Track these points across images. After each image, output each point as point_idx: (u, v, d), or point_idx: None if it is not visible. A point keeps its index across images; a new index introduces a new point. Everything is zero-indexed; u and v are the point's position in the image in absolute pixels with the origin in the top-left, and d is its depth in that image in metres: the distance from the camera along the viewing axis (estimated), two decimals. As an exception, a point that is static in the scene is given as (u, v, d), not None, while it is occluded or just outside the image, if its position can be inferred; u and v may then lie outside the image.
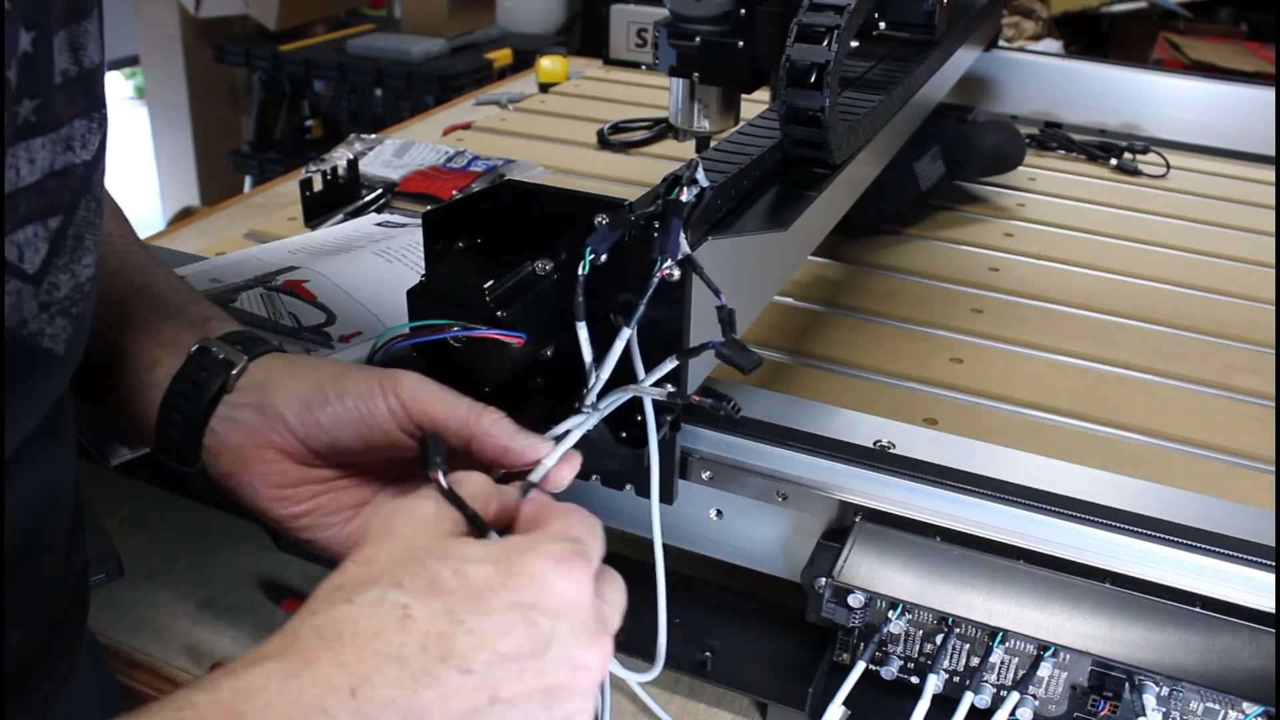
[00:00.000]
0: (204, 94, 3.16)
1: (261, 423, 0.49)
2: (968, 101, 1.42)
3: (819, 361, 0.88)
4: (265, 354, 0.52)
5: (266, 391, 0.50)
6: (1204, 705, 0.50)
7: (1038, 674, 0.52)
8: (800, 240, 0.74)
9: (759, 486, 0.59)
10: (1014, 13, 3.12)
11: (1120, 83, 1.47)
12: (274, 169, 2.82)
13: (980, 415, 0.82)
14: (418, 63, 2.69)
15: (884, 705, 0.55)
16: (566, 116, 1.51)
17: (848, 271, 1.05)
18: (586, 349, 0.51)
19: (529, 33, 3.04)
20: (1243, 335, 0.96)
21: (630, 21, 1.69)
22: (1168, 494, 0.58)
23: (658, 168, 1.30)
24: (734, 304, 0.50)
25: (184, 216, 1.89)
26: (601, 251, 0.50)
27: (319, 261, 0.80)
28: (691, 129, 0.86)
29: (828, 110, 0.68)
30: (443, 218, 0.54)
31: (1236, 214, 1.26)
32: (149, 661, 0.59)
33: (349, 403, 0.49)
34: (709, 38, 0.79)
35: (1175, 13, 3.37)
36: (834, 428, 0.61)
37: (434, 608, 0.35)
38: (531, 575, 0.37)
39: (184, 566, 0.66)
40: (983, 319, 0.97)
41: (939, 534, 0.56)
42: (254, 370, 0.51)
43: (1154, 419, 0.82)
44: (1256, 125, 1.41)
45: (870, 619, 0.54)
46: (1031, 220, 1.20)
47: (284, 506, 0.50)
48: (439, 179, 1.19)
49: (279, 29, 2.87)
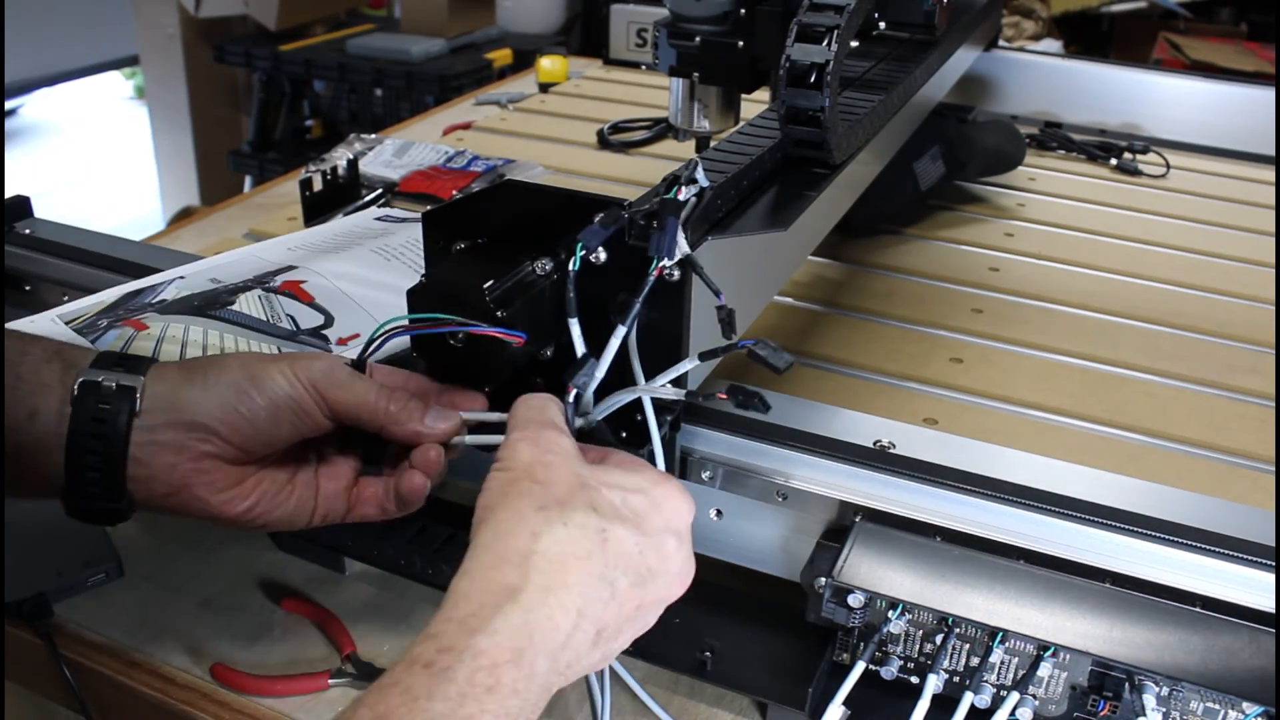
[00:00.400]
0: (204, 94, 3.16)
1: (189, 437, 0.49)
2: (968, 101, 1.42)
3: (819, 361, 0.88)
4: (150, 367, 0.51)
5: (179, 407, 0.49)
6: (1204, 705, 0.50)
7: (1038, 674, 0.52)
8: (800, 240, 0.74)
9: (759, 486, 0.59)
10: (1014, 13, 3.12)
11: (1120, 83, 1.47)
12: (274, 169, 2.82)
13: (980, 415, 0.82)
14: (418, 63, 2.69)
15: (884, 705, 0.55)
16: (566, 116, 1.51)
17: (848, 271, 1.05)
18: (579, 345, 0.51)
19: (529, 33, 3.03)
20: (1243, 335, 0.96)
21: (630, 21, 1.69)
22: (1168, 494, 0.58)
23: (658, 168, 1.30)
24: (734, 304, 0.50)
25: (184, 216, 1.89)
26: (594, 248, 0.50)
27: (318, 260, 0.79)
28: (691, 129, 0.86)
29: (828, 110, 0.68)
30: (443, 217, 0.54)
31: (1236, 214, 1.26)
32: (149, 662, 0.59)
33: (269, 397, 0.50)
34: (709, 38, 0.79)
35: (1175, 13, 3.37)
36: (834, 428, 0.61)
37: (620, 532, 0.42)
38: (673, 508, 0.45)
39: (184, 566, 0.66)
40: (983, 319, 0.97)
41: (939, 534, 0.56)
42: (152, 387, 0.50)
43: (1154, 419, 0.82)
44: (1256, 125, 1.41)
45: (870, 619, 0.54)
46: (1031, 220, 1.20)
47: (234, 505, 0.51)
48: (439, 179, 1.19)
49: (279, 29, 2.86)
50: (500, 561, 0.40)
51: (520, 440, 0.45)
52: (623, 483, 0.44)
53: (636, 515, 0.43)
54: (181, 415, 0.49)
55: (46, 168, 4.07)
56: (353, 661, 0.59)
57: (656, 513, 0.44)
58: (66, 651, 0.59)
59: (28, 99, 4.43)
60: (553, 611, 0.39)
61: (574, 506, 0.42)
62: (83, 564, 0.63)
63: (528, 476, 0.43)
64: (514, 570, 0.39)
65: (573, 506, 0.42)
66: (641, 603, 0.43)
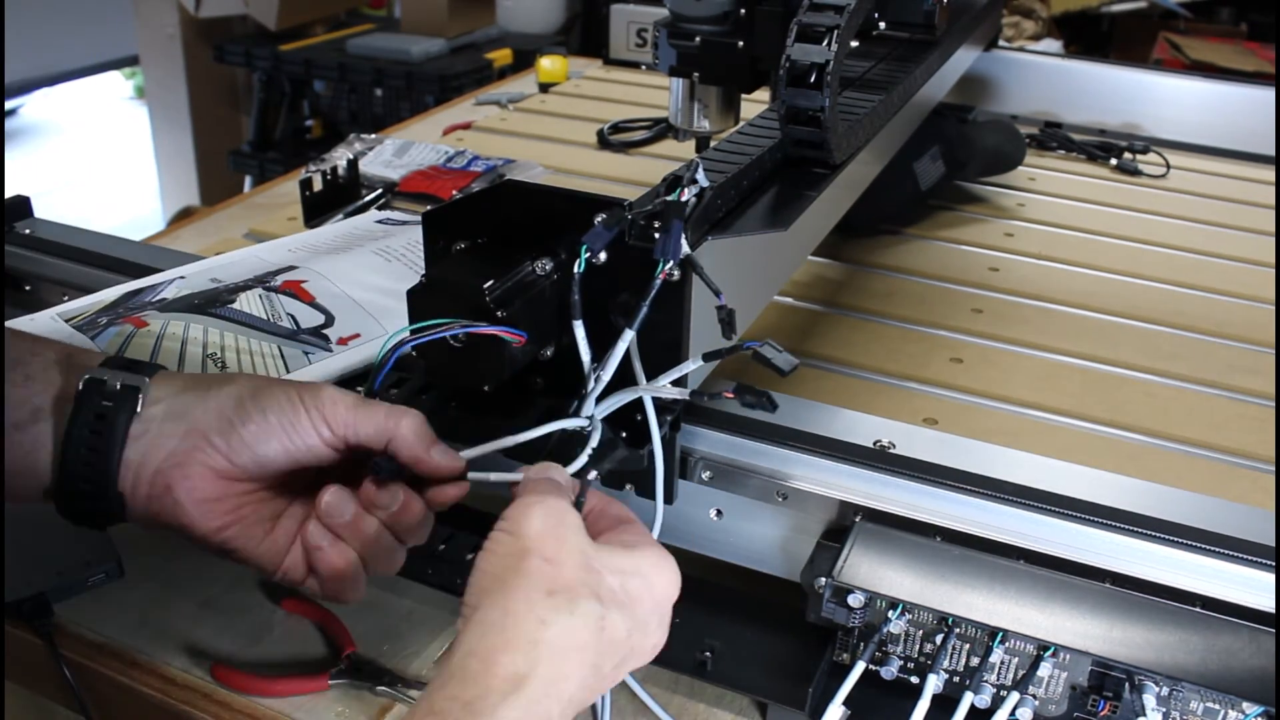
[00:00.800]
0: (204, 94, 3.16)
1: (185, 441, 0.49)
2: (968, 101, 1.42)
3: (819, 361, 0.88)
4: (155, 372, 0.51)
5: (180, 412, 0.49)
6: (1204, 705, 0.50)
7: (1038, 674, 0.52)
8: (800, 240, 0.74)
9: (759, 486, 0.59)
10: (1014, 13, 3.12)
11: (1120, 83, 1.48)
12: (274, 169, 2.82)
13: (980, 415, 0.82)
14: (418, 63, 2.69)
15: (884, 705, 0.55)
16: (566, 116, 1.51)
17: (848, 271, 1.05)
18: (584, 348, 0.51)
19: (529, 33, 3.03)
20: (1243, 335, 0.96)
21: (630, 21, 1.69)
22: (1168, 494, 0.58)
23: (658, 168, 1.30)
24: (734, 304, 0.50)
25: (184, 216, 1.89)
26: (598, 250, 0.50)
27: (318, 260, 0.80)
28: (691, 129, 0.86)
29: (828, 110, 0.68)
30: (443, 218, 0.54)
31: (1236, 214, 1.26)
32: (149, 662, 0.59)
33: (271, 418, 0.49)
34: (709, 38, 0.79)
35: (1175, 13, 3.37)
36: (834, 428, 0.61)
37: (615, 619, 0.43)
38: (664, 587, 0.46)
39: (184, 566, 0.66)
40: (983, 319, 0.97)
41: (939, 534, 0.56)
42: (155, 390, 0.50)
43: (1154, 419, 0.82)
44: (1256, 125, 1.41)
45: (870, 619, 0.54)
46: (1031, 220, 1.20)
47: (209, 521, 0.50)
48: (439, 179, 1.19)
49: (279, 29, 2.86)
50: (508, 646, 0.40)
51: (533, 506, 0.44)
52: (623, 566, 0.45)
53: (631, 600, 0.44)
54: (178, 419, 0.49)
55: (46, 168, 4.07)
56: (352, 661, 0.59)
57: (649, 594, 0.45)
58: (66, 651, 0.59)
59: (28, 99, 4.43)
60: (551, 702, 0.41)
61: (580, 595, 0.42)
62: (83, 564, 0.63)
63: (538, 553, 0.43)
64: (522, 659, 0.40)
65: (579, 595, 0.42)
66: (616, 676, 0.45)
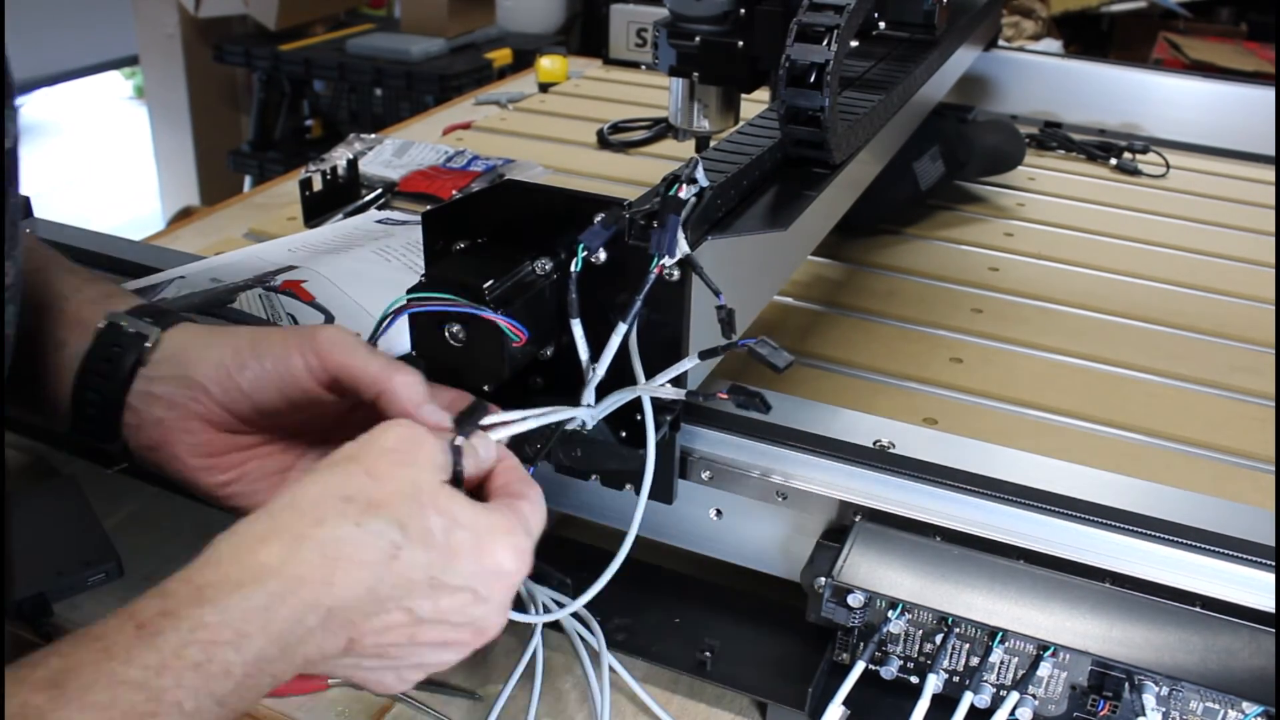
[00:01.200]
0: (204, 94, 3.16)
1: (182, 394, 0.49)
2: (968, 101, 1.42)
3: (819, 361, 0.88)
4: (176, 324, 0.51)
5: (183, 362, 0.50)
6: (1204, 705, 0.50)
7: (1037, 674, 0.52)
8: (800, 240, 0.74)
9: (759, 486, 0.59)
10: (1014, 12, 3.12)
11: (1120, 82, 1.47)
12: (274, 169, 2.82)
13: (980, 415, 0.82)
14: (417, 62, 2.69)
15: (884, 705, 0.55)
16: (566, 116, 1.51)
17: (848, 271, 1.05)
18: (582, 346, 0.51)
19: (529, 32, 3.03)
20: (1243, 335, 0.96)
21: (630, 21, 1.69)
22: (1168, 494, 0.58)
23: (658, 168, 1.30)
24: (734, 304, 0.50)
25: (184, 216, 1.89)
26: (595, 248, 0.50)
27: (318, 260, 0.80)
28: (691, 129, 0.86)
29: (828, 110, 0.68)
30: (443, 218, 0.54)
31: (1236, 214, 1.26)
32: (149, 661, 0.59)
33: (267, 363, 0.49)
34: (709, 38, 0.79)
35: (1175, 12, 3.37)
36: (834, 428, 0.61)
37: (417, 558, 0.39)
38: (496, 561, 0.42)
39: (184, 566, 0.66)
40: (983, 319, 0.97)
41: (939, 534, 0.56)
42: (167, 341, 0.50)
43: (1154, 419, 0.82)
44: (1256, 125, 1.41)
45: (870, 619, 0.54)
46: (1031, 220, 1.20)
47: (211, 475, 0.50)
48: (439, 179, 1.19)
49: (279, 29, 2.87)
50: (270, 536, 0.38)
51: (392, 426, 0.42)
52: (459, 516, 0.41)
53: (449, 550, 0.40)
54: (180, 370, 0.49)
55: (46, 168, 4.07)
56: (353, 661, 0.59)
57: (473, 556, 0.41)
58: (66, 651, 0.59)
59: (28, 99, 4.43)
60: (299, 606, 0.37)
61: (379, 514, 0.39)
62: (83, 564, 0.63)
63: (364, 464, 0.40)
64: (278, 551, 0.37)
65: (378, 512, 0.39)
66: (414, 639, 0.40)
